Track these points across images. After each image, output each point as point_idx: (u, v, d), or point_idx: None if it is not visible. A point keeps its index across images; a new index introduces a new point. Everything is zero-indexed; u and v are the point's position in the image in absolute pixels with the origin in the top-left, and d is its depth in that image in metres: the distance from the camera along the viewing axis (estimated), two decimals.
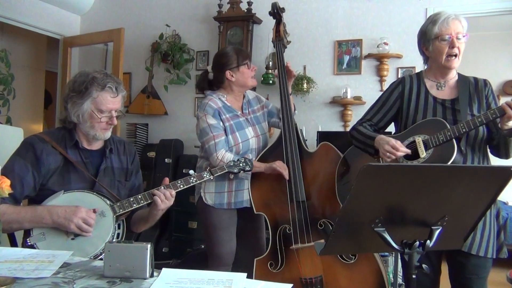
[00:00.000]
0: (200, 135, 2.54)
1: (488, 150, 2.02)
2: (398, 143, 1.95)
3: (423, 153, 1.92)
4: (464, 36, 1.96)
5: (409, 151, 1.95)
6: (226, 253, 2.55)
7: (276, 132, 3.33)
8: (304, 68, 4.00)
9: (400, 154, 1.94)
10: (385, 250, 1.33)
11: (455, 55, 1.95)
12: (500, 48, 5.84)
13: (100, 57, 4.97)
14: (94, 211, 1.74)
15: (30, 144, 1.82)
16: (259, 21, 4.14)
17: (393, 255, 2.83)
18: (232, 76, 2.55)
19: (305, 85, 3.89)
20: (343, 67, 3.96)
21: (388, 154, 1.95)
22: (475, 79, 2.05)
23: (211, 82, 2.66)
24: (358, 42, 3.91)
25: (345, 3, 3.97)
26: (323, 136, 3.65)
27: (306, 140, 3.77)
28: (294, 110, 2.72)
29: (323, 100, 4.00)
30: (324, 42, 4.03)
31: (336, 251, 1.83)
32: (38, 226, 1.71)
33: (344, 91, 3.83)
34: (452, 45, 1.94)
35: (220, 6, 4.19)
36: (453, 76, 2.06)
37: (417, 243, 1.23)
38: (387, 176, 1.16)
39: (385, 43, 3.72)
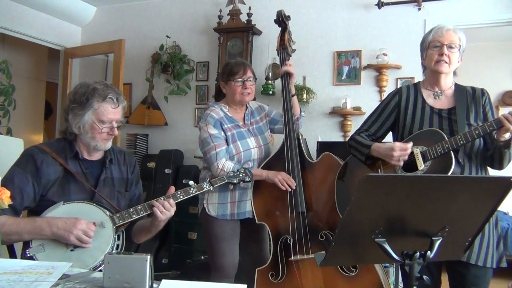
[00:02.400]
0: (201, 145, 2.55)
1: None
2: (402, 144, 1.96)
3: (421, 165, 1.93)
4: (458, 48, 1.98)
5: (411, 143, 1.96)
6: (228, 265, 2.54)
7: (277, 142, 3.33)
8: (304, 78, 4.02)
9: (409, 151, 1.94)
10: (386, 261, 1.33)
11: (445, 62, 1.97)
12: (499, 59, 5.87)
13: (101, 68, 4.99)
14: (94, 224, 1.74)
15: (30, 155, 1.82)
16: (259, 32, 4.17)
17: (394, 266, 2.82)
18: (223, 87, 2.62)
19: (304, 96, 3.90)
20: (343, 78, 3.98)
21: (401, 158, 1.95)
22: (473, 88, 2.06)
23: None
24: (357, 53, 3.93)
25: (344, 15, 4.00)
26: (323, 146, 3.65)
27: None
28: (301, 112, 2.72)
29: (322, 111, 4.01)
30: (323, 53, 4.05)
31: (336, 263, 1.83)
32: (38, 238, 1.70)
33: (344, 101, 3.84)
34: (441, 52, 1.96)
35: (220, 17, 4.22)
36: (449, 86, 2.07)
37: (418, 254, 1.22)
38: (387, 187, 1.16)
39: (384, 54, 3.74)
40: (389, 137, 2.26)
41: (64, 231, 1.68)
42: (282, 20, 2.70)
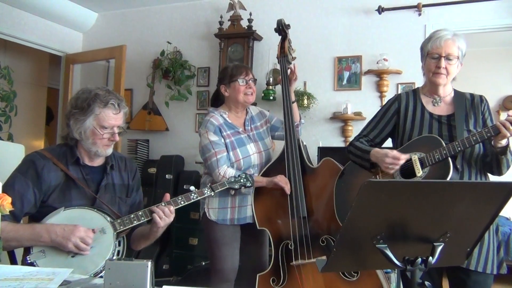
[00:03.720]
0: (202, 152, 2.55)
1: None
2: (397, 153, 1.97)
3: (419, 172, 1.92)
4: (456, 59, 1.97)
5: (408, 156, 1.96)
6: (229, 269, 2.53)
7: (278, 147, 3.34)
8: (305, 84, 4.02)
9: (402, 162, 1.95)
10: (387, 266, 1.32)
11: (443, 73, 1.97)
12: (500, 64, 5.88)
13: (102, 74, 5.01)
14: (93, 231, 1.73)
15: (31, 161, 1.82)
16: (259, 38, 4.18)
17: (396, 271, 2.81)
18: (226, 91, 2.62)
19: (305, 101, 3.90)
20: (343, 83, 3.98)
21: (390, 166, 1.96)
22: (471, 95, 2.06)
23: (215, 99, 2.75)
24: (358, 58, 3.94)
25: (345, 20, 4.01)
26: (323, 151, 3.65)
27: None
28: (300, 119, 2.74)
29: (323, 116, 4.01)
30: (324, 58, 4.06)
31: (338, 268, 1.82)
32: (37, 244, 1.70)
33: (345, 106, 3.84)
34: (438, 65, 1.96)
35: (221, 23, 4.24)
36: (448, 92, 2.07)
37: (419, 259, 1.22)
38: (388, 192, 1.16)
39: (385, 59, 3.74)
40: (388, 143, 2.26)
41: (63, 238, 1.67)
42: (282, 28, 2.73)
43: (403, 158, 1.95)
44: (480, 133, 1.83)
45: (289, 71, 2.66)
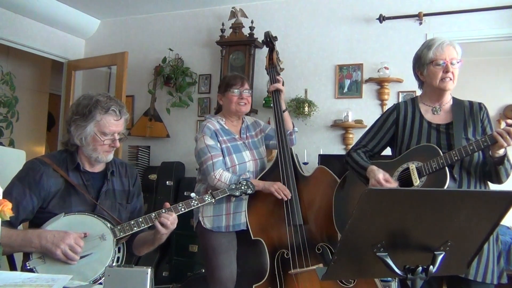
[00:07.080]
0: (198, 156, 2.56)
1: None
2: (385, 178, 1.98)
3: (416, 181, 1.93)
4: (458, 62, 1.99)
5: (395, 184, 1.98)
6: (226, 277, 2.52)
7: None
8: (306, 91, 4.03)
9: (393, 186, 1.97)
10: (388, 275, 1.32)
11: (450, 79, 1.98)
12: (501, 73, 5.88)
13: (104, 80, 5.02)
14: (85, 235, 1.71)
15: (30, 168, 1.82)
16: (260, 46, 4.18)
17: (396, 280, 2.79)
18: (221, 99, 2.67)
19: (306, 109, 3.91)
20: (344, 91, 3.99)
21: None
22: (470, 102, 2.06)
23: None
24: (359, 67, 3.95)
25: (346, 28, 4.02)
26: (324, 159, 3.65)
27: (308, 163, 3.77)
28: (293, 127, 2.75)
29: (324, 124, 4.02)
30: (325, 66, 4.07)
31: (338, 276, 1.81)
32: (28, 250, 1.69)
33: (345, 114, 3.85)
34: (446, 70, 1.97)
35: (222, 30, 4.26)
36: (448, 100, 2.07)
37: (420, 268, 1.22)
38: (389, 201, 1.16)
39: (386, 68, 3.75)
40: (387, 151, 2.26)
41: (52, 244, 1.66)
42: (269, 40, 2.78)
43: (394, 186, 1.97)
44: (477, 142, 1.83)
45: (278, 80, 2.69)
